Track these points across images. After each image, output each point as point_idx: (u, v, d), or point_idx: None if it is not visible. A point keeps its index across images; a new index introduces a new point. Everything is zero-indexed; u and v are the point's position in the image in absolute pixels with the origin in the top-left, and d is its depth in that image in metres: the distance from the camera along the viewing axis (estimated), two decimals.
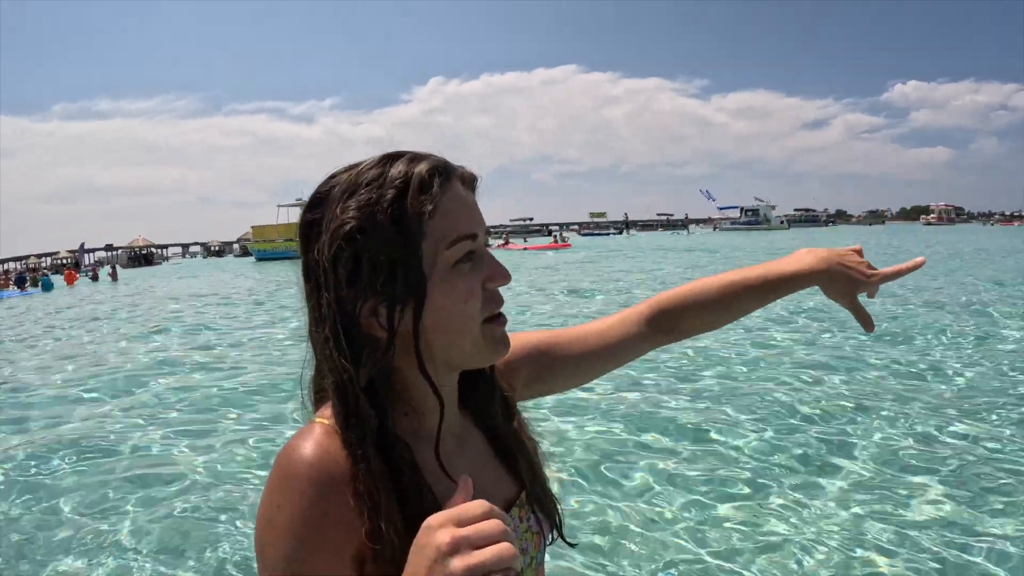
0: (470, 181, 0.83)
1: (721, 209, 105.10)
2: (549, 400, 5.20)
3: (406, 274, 0.74)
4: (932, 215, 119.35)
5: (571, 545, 1.01)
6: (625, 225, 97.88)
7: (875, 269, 1.05)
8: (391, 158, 0.79)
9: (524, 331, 1.08)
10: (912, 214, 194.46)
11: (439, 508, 0.64)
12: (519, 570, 0.61)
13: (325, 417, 0.77)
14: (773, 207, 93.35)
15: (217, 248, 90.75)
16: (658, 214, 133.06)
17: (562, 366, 1.07)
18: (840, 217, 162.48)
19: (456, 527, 0.59)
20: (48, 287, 32.34)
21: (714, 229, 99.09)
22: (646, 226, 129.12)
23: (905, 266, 1.06)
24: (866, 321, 1.07)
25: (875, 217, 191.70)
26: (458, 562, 0.57)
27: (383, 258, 0.74)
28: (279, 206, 49.13)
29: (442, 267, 0.76)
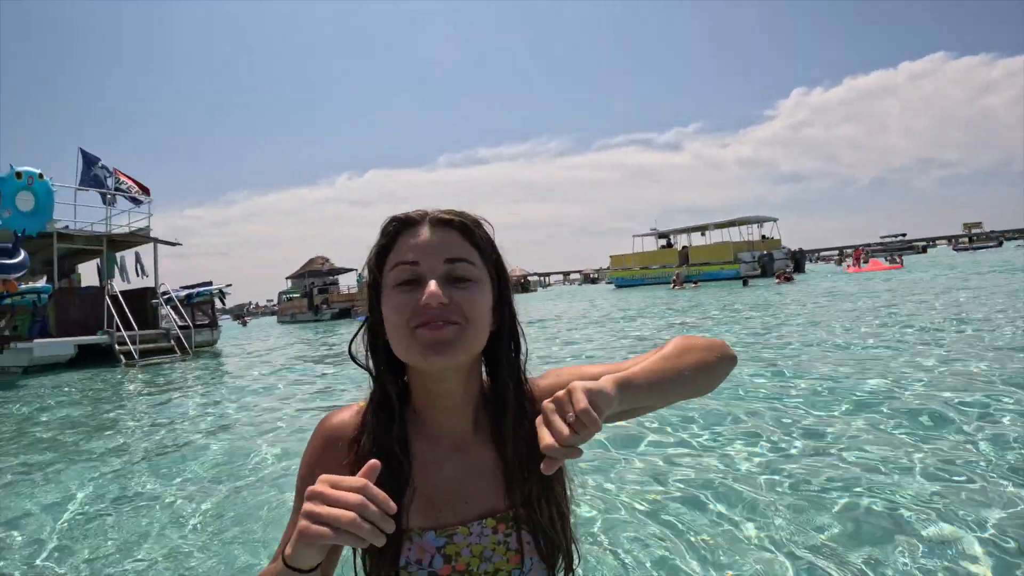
0: (437, 223, 1.07)
1: None
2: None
3: (376, 290, 1.09)
4: None
5: None
6: (951, 239, 76.53)
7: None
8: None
9: (596, 364, 1.17)
10: None
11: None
12: (371, 541, 0.79)
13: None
14: None
15: (594, 276, 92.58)
16: None
17: None
18: None
19: (330, 487, 0.82)
20: None
21: None
22: None
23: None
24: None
25: None
26: (308, 506, 0.82)
27: (372, 280, 1.10)
28: (634, 236, 47.50)
29: (388, 285, 1.06)
